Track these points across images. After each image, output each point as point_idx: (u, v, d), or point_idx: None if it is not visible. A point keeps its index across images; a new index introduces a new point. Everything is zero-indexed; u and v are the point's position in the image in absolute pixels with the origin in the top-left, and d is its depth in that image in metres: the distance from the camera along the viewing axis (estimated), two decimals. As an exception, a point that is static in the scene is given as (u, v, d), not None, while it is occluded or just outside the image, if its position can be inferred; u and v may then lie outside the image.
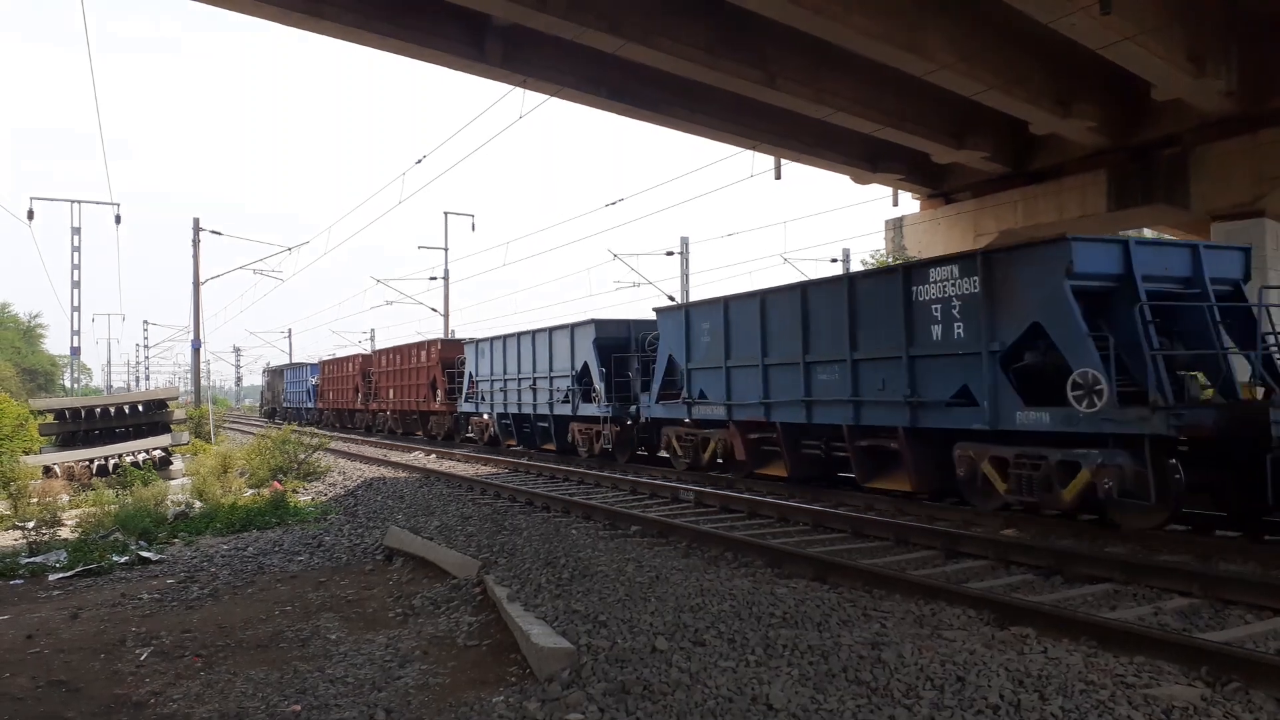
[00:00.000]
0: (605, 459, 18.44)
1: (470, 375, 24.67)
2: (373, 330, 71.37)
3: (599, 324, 18.62)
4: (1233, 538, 8.55)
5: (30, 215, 32.69)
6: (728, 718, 4.30)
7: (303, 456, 18.53)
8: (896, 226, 21.62)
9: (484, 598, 6.93)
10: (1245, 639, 5.55)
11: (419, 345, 30.58)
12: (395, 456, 22.89)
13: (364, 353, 38.69)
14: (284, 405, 53.12)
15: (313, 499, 14.84)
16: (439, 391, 27.83)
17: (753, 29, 13.54)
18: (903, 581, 6.91)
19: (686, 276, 35.77)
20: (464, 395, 25.30)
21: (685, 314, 15.37)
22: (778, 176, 20.60)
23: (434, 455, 22.77)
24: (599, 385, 18.02)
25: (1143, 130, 15.76)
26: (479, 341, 24.23)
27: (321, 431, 34.17)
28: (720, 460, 14.93)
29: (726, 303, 14.20)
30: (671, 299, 32.45)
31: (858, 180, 20.01)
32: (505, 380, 22.35)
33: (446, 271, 41.66)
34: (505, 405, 22.46)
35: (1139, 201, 16.03)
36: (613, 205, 28.59)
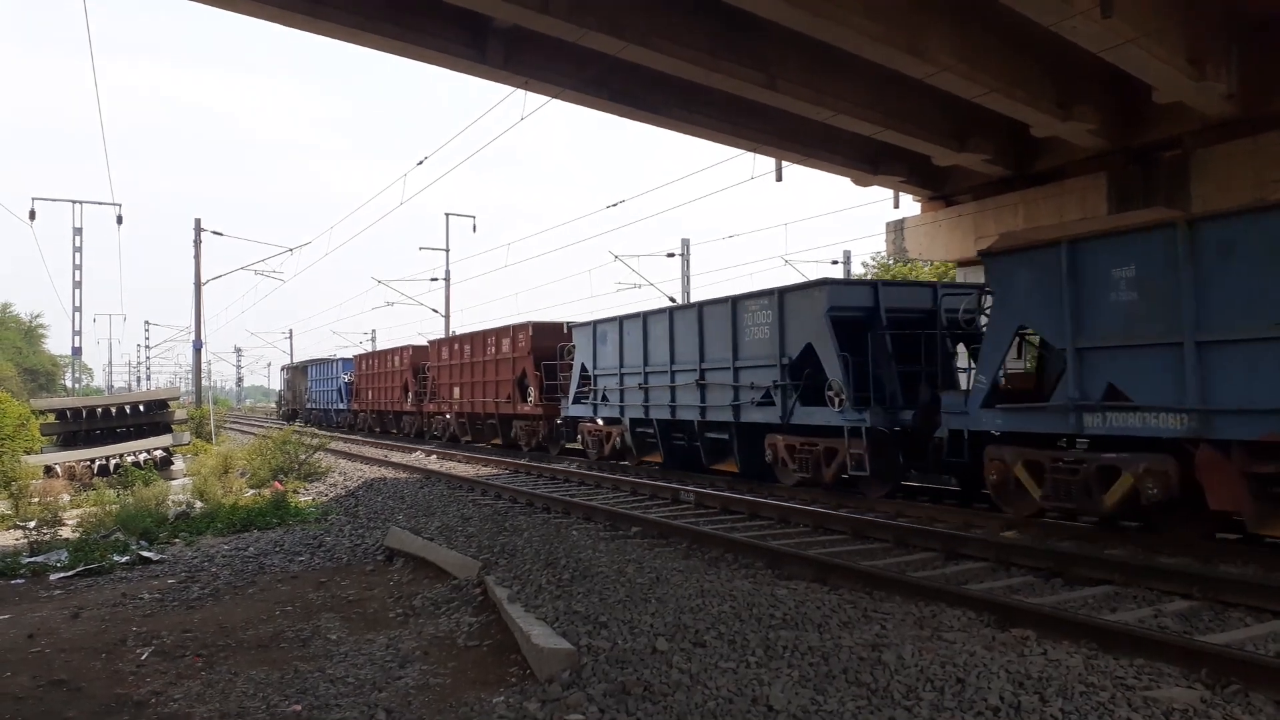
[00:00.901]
0: (842, 491, 12.53)
1: (583, 368, 18.87)
2: (374, 331, 71.42)
3: (834, 287, 12.60)
4: (1233, 540, 8.54)
5: (32, 215, 32.75)
6: (728, 719, 4.31)
7: (303, 457, 18.55)
8: (898, 229, 21.64)
9: (484, 598, 6.94)
10: (1245, 641, 5.56)
11: (501, 332, 24.16)
12: (396, 457, 22.90)
13: (415, 344, 32.34)
14: (308, 406, 47.25)
15: (313, 499, 14.85)
16: (531, 390, 22.28)
17: (754, 31, 13.56)
18: (903, 583, 6.92)
19: (687, 278, 35.80)
20: (571, 395, 19.39)
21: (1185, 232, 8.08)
22: (779, 178, 20.60)
23: (434, 456, 22.77)
24: (837, 380, 12.08)
25: (1143, 133, 15.77)
26: (599, 323, 18.37)
27: (358, 437, 32.58)
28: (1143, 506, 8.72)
29: None
30: (672, 300, 32.37)
31: (859, 182, 20.01)
32: (647, 374, 16.49)
33: (448, 273, 41.73)
34: (647, 409, 16.58)
35: (1139, 204, 15.99)
36: (614, 207, 28.62)
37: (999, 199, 18.62)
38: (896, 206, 21.91)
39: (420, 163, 21.54)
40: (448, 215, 41.45)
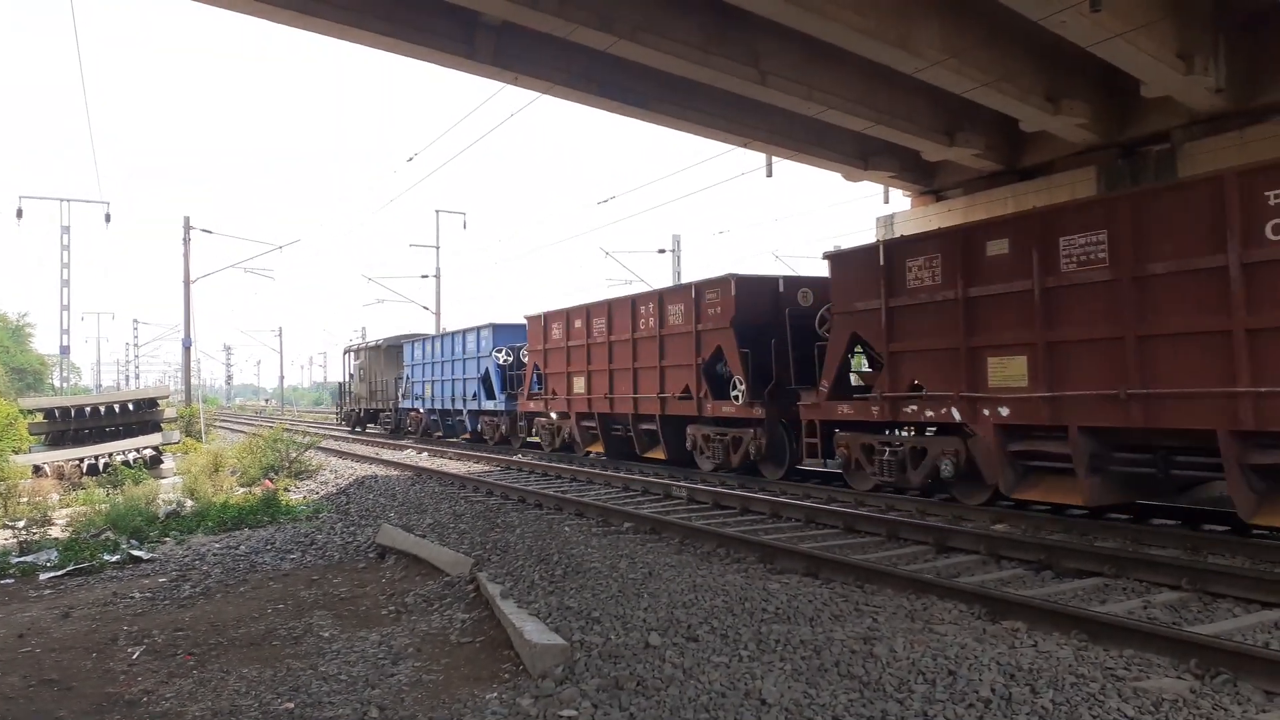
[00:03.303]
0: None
1: None
2: (364, 328, 71.16)
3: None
4: (1221, 531, 8.61)
5: (19, 214, 32.55)
6: (721, 713, 4.31)
7: (294, 455, 18.49)
8: (888, 224, 21.66)
9: (477, 595, 6.94)
10: (1234, 632, 5.60)
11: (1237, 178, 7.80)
12: (387, 455, 22.85)
13: (752, 272, 15.11)
14: (403, 406, 30.79)
15: (304, 497, 14.81)
16: None
17: (744, 26, 13.55)
18: (894, 576, 6.95)
19: (678, 274, 35.80)
20: None
21: None
22: (769, 174, 20.64)
23: (425, 453, 22.73)
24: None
25: (1132, 127, 15.81)
26: None
27: (491, 454, 20.81)
28: None
29: None
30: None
31: (849, 178, 20.02)
32: None
33: (438, 269, 41.61)
34: None
35: (1128, 198, 16.09)
36: (604, 203, 28.57)
37: (989, 193, 18.64)
38: (886, 201, 21.94)
39: (410, 159, 21.48)
40: (438, 212, 41.36)
